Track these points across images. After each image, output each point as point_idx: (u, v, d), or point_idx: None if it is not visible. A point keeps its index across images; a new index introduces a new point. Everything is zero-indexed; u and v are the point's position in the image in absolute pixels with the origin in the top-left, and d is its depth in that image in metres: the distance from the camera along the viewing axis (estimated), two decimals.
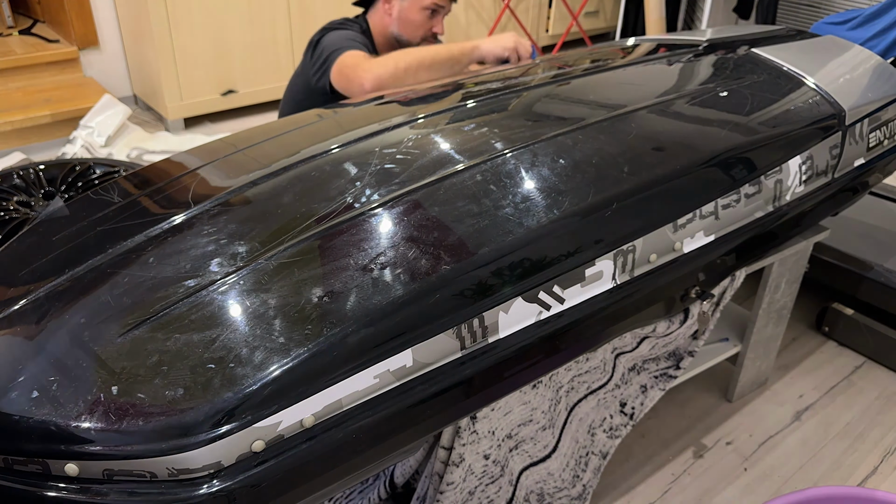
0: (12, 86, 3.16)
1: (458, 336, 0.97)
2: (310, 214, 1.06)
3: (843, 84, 1.58)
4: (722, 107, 1.43)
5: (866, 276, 1.93)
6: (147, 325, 0.90)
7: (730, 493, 1.55)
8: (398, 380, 0.93)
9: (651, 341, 1.36)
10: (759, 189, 1.33)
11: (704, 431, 1.70)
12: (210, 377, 0.83)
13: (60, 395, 0.84)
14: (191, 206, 1.12)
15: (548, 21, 4.15)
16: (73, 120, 2.96)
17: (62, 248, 1.10)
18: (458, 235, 1.02)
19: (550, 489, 1.35)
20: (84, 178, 1.91)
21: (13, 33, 3.39)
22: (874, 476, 1.60)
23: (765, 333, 1.71)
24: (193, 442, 0.80)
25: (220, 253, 1.00)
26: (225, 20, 3.18)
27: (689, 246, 1.23)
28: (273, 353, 0.85)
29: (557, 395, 1.30)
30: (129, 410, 0.81)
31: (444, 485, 1.17)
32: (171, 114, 3.23)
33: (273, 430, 0.84)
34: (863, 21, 2.96)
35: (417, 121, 1.34)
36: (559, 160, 1.19)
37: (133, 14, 3.18)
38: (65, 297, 0.98)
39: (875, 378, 1.88)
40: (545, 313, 1.06)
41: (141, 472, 0.81)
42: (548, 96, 1.45)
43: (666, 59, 1.70)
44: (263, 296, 0.92)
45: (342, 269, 0.96)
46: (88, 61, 3.37)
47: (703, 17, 3.60)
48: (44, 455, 0.82)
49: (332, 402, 0.87)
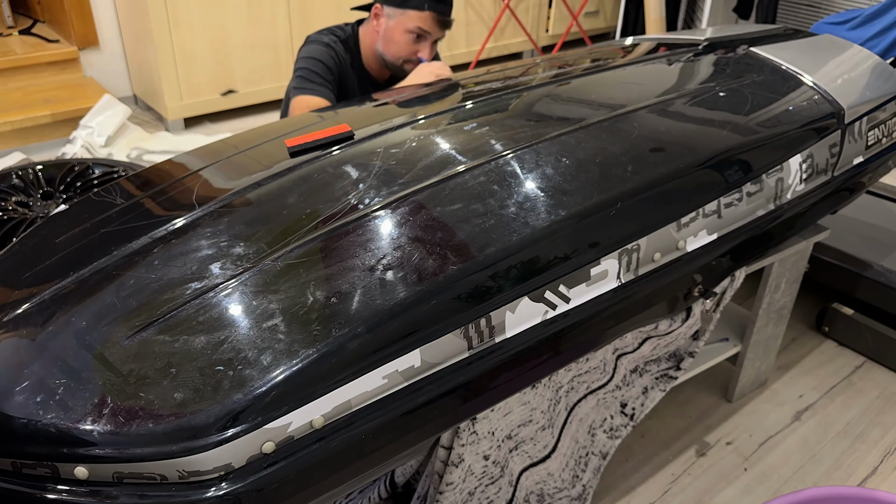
0: (12, 86, 3.15)
1: (465, 336, 0.97)
2: (315, 215, 1.06)
3: (841, 83, 1.59)
4: (723, 106, 1.44)
5: (866, 276, 1.94)
6: (154, 328, 0.90)
7: (730, 493, 1.55)
8: (406, 380, 0.93)
9: (653, 342, 1.37)
10: (760, 187, 1.33)
11: (704, 431, 1.71)
12: (219, 379, 0.83)
13: (68, 398, 0.84)
14: (195, 207, 1.12)
15: (548, 21, 4.16)
16: (73, 120, 2.96)
17: (67, 251, 1.10)
18: (464, 235, 1.03)
19: (550, 489, 1.36)
20: (83, 178, 1.91)
21: (13, 33, 3.39)
22: (874, 476, 1.60)
23: (765, 333, 1.71)
24: (203, 444, 0.80)
25: (226, 254, 1.00)
26: (225, 20, 3.18)
27: (693, 244, 1.24)
28: (282, 354, 0.86)
29: (557, 395, 1.30)
30: (139, 413, 0.81)
31: (444, 485, 1.18)
32: (171, 114, 3.22)
33: (283, 431, 0.84)
34: (863, 21, 2.97)
35: (420, 121, 1.34)
36: (563, 160, 1.19)
37: (133, 14, 3.18)
38: (70, 299, 0.98)
39: (875, 378, 1.89)
40: (551, 313, 1.06)
41: (151, 475, 0.81)
42: (549, 96, 1.46)
43: (666, 58, 1.70)
44: (271, 297, 0.92)
45: (349, 269, 0.96)
46: (88, 61, 3.36)
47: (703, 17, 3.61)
48: (53, 458, 0.83)
49: (341, 403, 0.88)
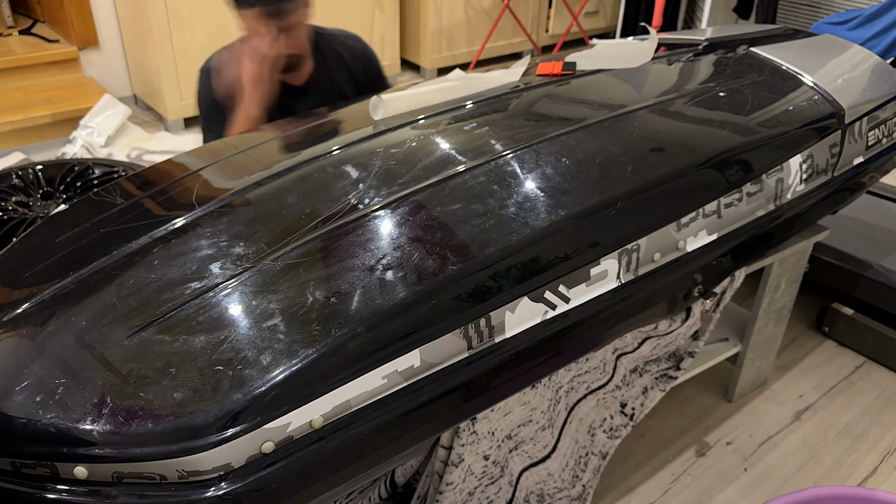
0: (12, 86, 3.15)
1: (465, 336, 0.97)
2: (315, 215, 1.06)
3: (841, 83, 1.59)
4: (723, 106, 1.44)
5: (866, 276, 1.94)
6: (154, 327, 0.90)
7: (730, 493, 1.55)
8: (406, 380, 0.93)
9: (652, 342, 1.37)
10: (760, 188, 1.33)
11: (704, 431, 1.70)
12: (219, 379, 0.83)
13: (68, 397, 0.84)
14: (195, 207, 1.12)
15: (548, 21, 4.15)
16: (73, 120, 2.96)
17: (67, 250, 1.10)
18: (464, 235, 1.03)
19: (550, 489, 1.36)
20: (83, 178, 1.91)
21: (13, 33, 3.38)
22: (874, 476, 1.60)
23: (765, 333, 1.71)
24: (203, 444, 0.80)
25: (225, 254, 1.00)
26: (225, 20, 3.17)
27: (693, 245, 1.24)
28: (281, 354, 0.86)
29: (557, 396, 1.30)
30: (138, 413, 0.81)
31: (444, 485, 1.18)
32: (170, 114, 3.22)
33: (282, 431, 0.84)
34: (863, 21, 2.97)
35: (420, 121, 1.34)
36: (563, 160, 1.19)
37: (133, 14, 3.17)
38: (70, 299, 0.98)
39: (875, 378, 1.88)
40: (551, 313, 1.06)
41: (151, 475, 0.81)
42: (549, 96, 1.46)
43: (666, 58, 1.70)
44: (270, 297, 0.92)
45: (349, 269, 0.96)
46: (88, 61, 3.36)
47: (703, 17, 3.60)
48: (52, 458, 0.83)
49: (340, 403, 0.88)
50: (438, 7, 3.67)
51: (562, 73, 1.56)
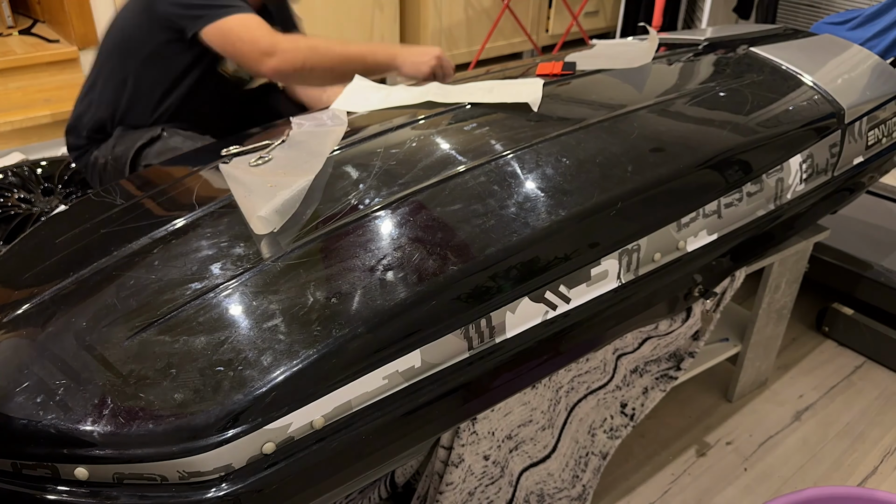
0: (12, 86, 3.15)
1: (465, 336, 0.97)
2: (315, 216, 1.06)
3: (841, 83, 1.59)
4: (723, 106, 1.44)
5: (866, 276, 1.94)
6: (154, 328, 0.90)
7: (730, 493, 1.55)
8: (407, 380, 0.93)
9: (653, 342, 1.37)
10: (760, 187, 1.33)
11: (704, 431, 1.71)
12: (219, 379, 0.83)
13: (69, 398, 0.84)
14: (196, 207, 1.12)
15: (548, 21, 4.15)
16: None
17: (67, 251, 1.10)
18: (464, 236, 1.03)
19: (550, 490, 1.36)
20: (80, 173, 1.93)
21: (13, 33, 3.38)
22: (874, 476, 1.60)
23: (765, 333, 1.71)
24: (204, 445, 0.80)
25: (226, 255, 1.00)
26: None
27: (693, 245, 1.24)
28: (282, 354, 0.86)
29: (557, 396, 1.30)
30: (139, 413, 0.81)
31: (444, 485, 1.18)
32: None
33: (283, 432, 0.84)
34: (863, 21, 2.97)
35: (420, 121, 1.34)
36: (563, 160, 1.19)
37: None
38: (70, 299, 0.98)
39: (875, 378, 1.88)
40: (551, 313, 1.06)
41: (151, 476, 0.81)
42: (549, 96, 1.46)
43: (666, 58, 1.70)
44: (271, 297, 0.92)
45: (349, 270, 0.96)
46: (88, 61, 3.35)
47: (703, 17, 3.60)
48: (52, 459, 0.83)
49: (341, 404, 0.88)
50: (438, 7, 3.67)
51: (562, 73, 1.56)
